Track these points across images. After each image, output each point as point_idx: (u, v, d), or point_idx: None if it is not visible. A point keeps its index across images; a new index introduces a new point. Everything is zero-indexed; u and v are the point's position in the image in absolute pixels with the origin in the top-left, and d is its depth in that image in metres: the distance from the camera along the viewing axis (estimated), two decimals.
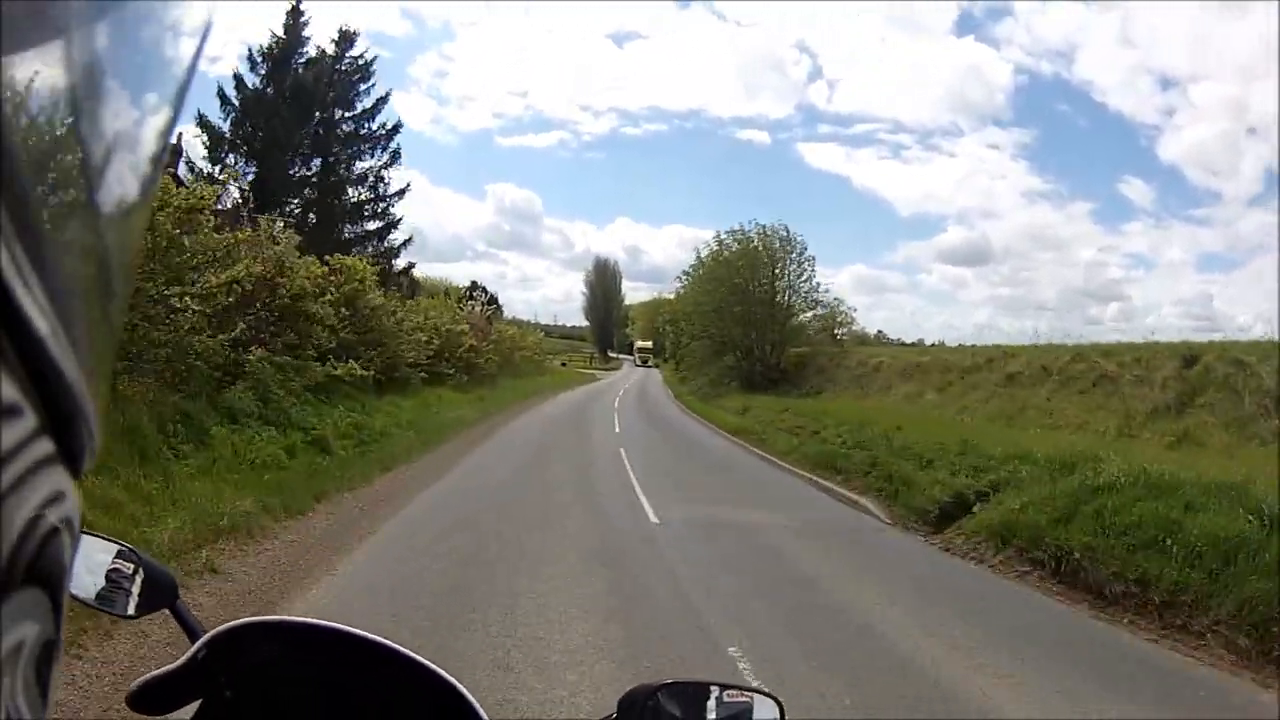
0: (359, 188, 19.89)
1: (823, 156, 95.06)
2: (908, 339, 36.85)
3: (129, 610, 0.90)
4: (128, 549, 0.91)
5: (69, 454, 0.27)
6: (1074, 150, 68.95)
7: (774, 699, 0.83)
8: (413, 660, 0.81)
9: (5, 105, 0.21)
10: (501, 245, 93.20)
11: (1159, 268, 62.20)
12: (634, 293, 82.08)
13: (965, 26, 78.13)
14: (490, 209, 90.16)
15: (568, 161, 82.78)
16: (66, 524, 0.27)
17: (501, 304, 45.61)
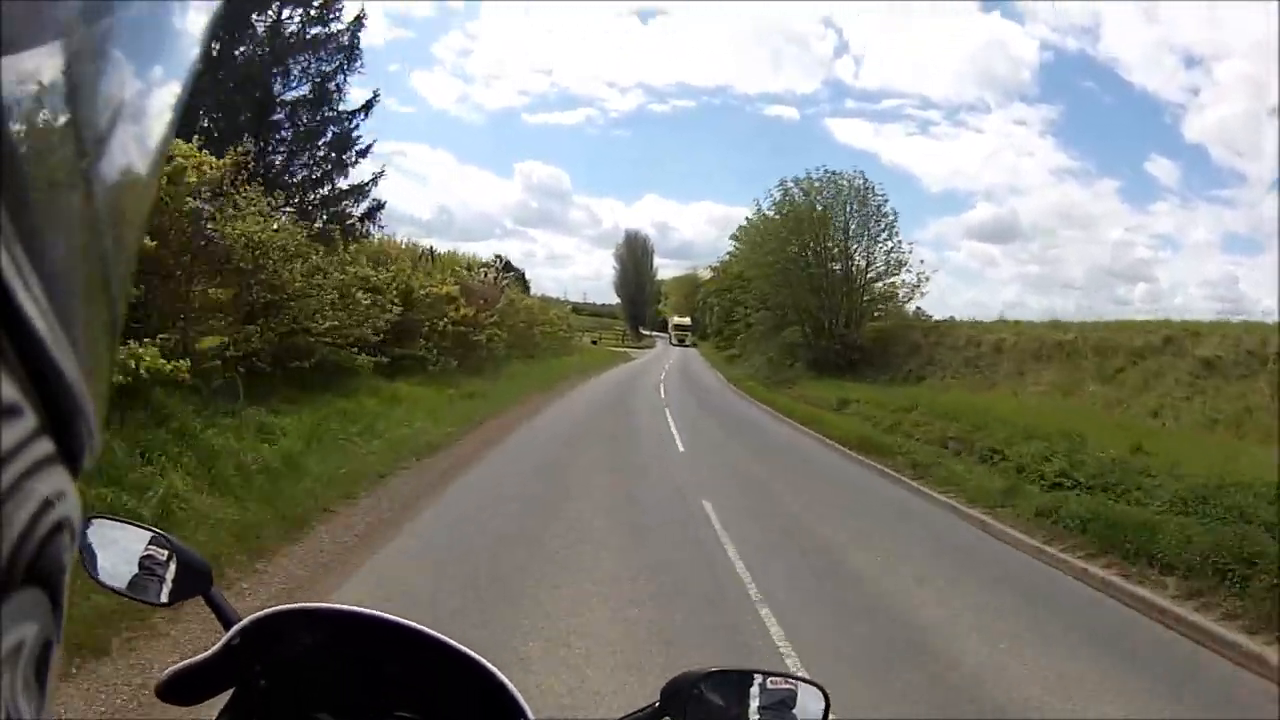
0: (298, 108, 14.06)
1: (851, 132, 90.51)
2: (938, 315, 33.12)
3: (162, 598, 0.89)
4: (162, 536, 0.91)
5: (69, 454, 0.26)
6: (1100, 128, 66.34)
7: (819, 687, 0.80)
8: (452, 647, 0.78)
9: (5, 105, 0.21)
10: (530, 223, 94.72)
11: (1185, 248, 60.72)
12: (664, 270, 78.70)
13: (990, 1, 74.88)
14: (518, 186, 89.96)
15: (595, 138, 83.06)
16: (66, 524, 0.27)
17: (529, 280, 41.29)
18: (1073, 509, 6.43)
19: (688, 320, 57.08)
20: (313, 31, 14.64)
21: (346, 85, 14.52)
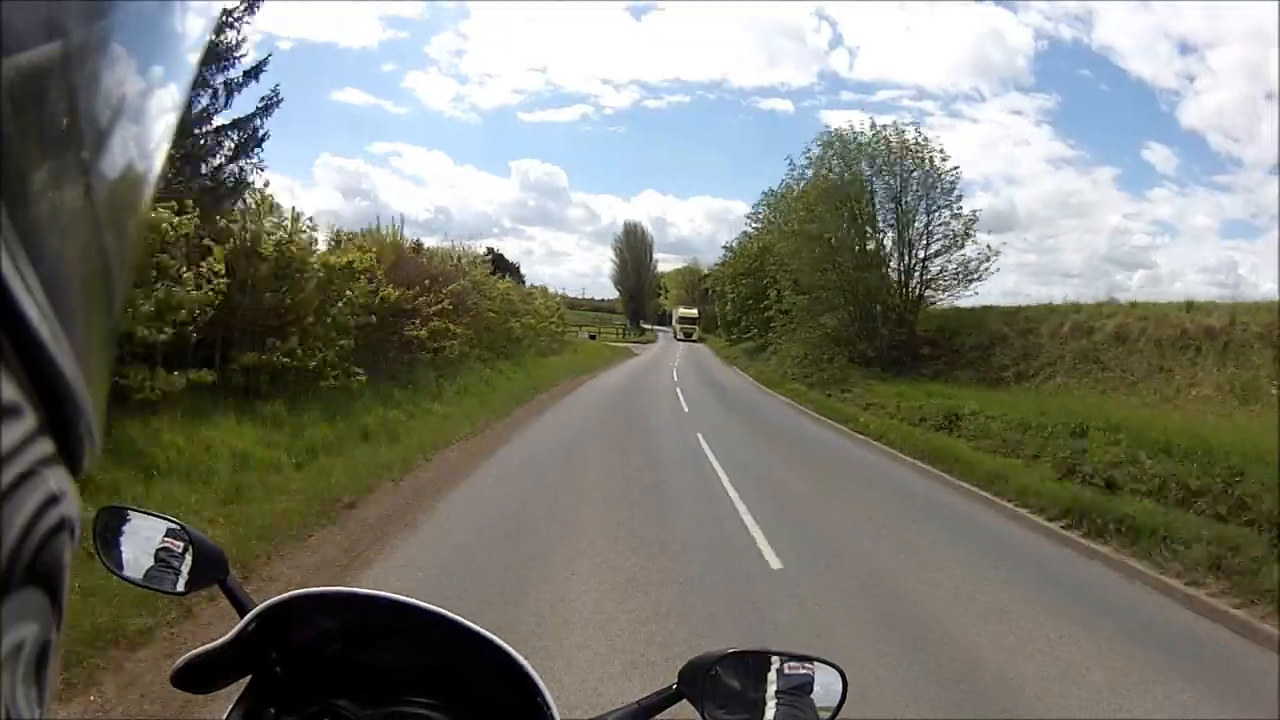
0: None
1: (846, 124, 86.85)
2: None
3: (179, 587, 0.88)
4: (177, 526, 0.89)
5: (69, 454, 0.26)
6: (1096, 116, 67.80)
7: (837, 668, 0.78)
8: (469, 629, 0.77)
9: (5, 105, 0.21)
10: (527, 221, 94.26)
11: (1183, 234, 62.61)
12: (662, 265, 77.51)
13: None
14: (515, 185, 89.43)
15: (591, 135, 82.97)
16: (67, 524, 0.27)
17: (524, 275, 37.50)
18: None
19: (694, 312, 52.02)
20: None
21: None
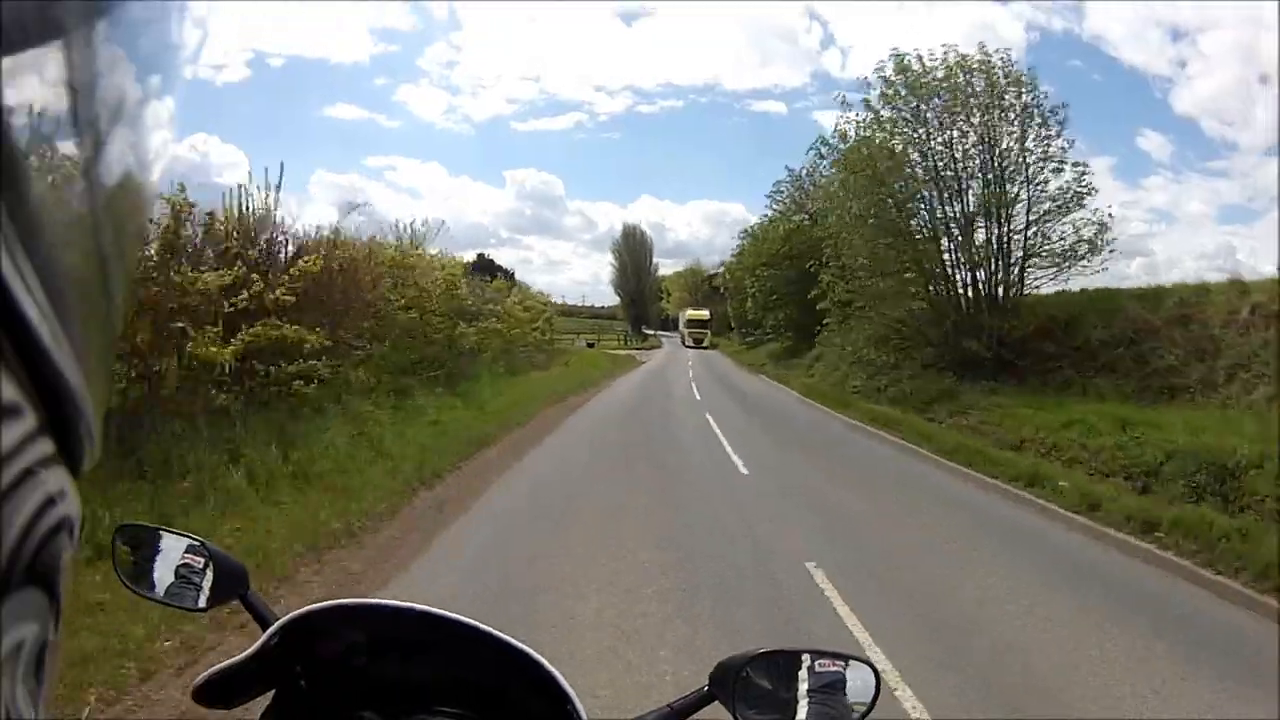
0: None
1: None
2: None
3: (200, 603, 0.88)
4: (198, 542, 0.89)
5: (69, 454, 0.27)
6: (1090, 106, 66.23)
7: (870, 666, 0.78)
8: (498, 639, 0.76)
9: (5, 105, 0.22)
10: (524, 230, 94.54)
11: (1180, 221, 60.31)
12: (662, 269, 74.60)
13: None
14: (511, 195, 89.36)
15: (586, 143, 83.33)
16: (66, 524, 0.27)
17: (518, 280, 33.59)
18: None
19: (705, 313, 46.25)
20: None
21: None
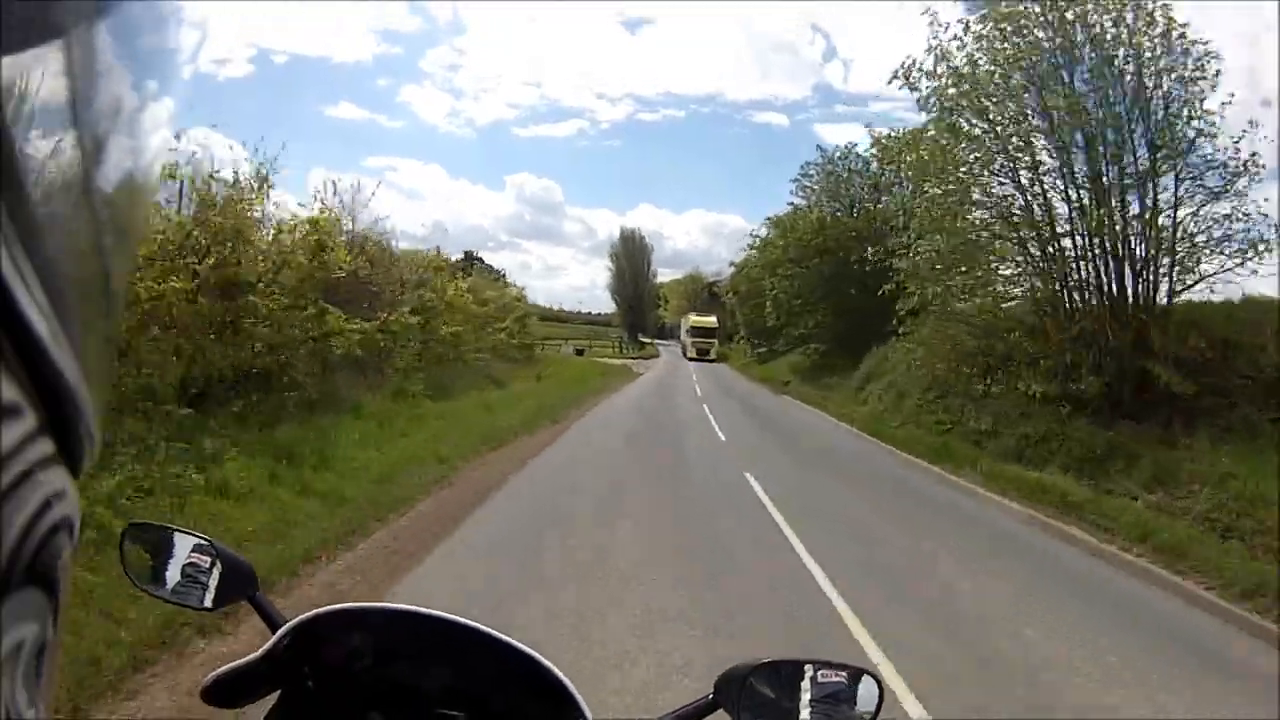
0: None
1: (841, 137, 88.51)
2: None
3: (206, 603, 0.87)
4: (205, 541, 0.89)
5: (69, 454, 0.26)
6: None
7: (873, 676, 0.77)
8: (505, 643, 0.76)
9: (5, 105, 0.22)
10: (523, 235, 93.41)
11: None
12: (659, 278, 71.46)
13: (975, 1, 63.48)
14: (510, 199, 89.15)
15: (586, 150, 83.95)
16: (66, 524, 0.27)
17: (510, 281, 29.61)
18: None
19: (711, 320, 39.74)
20: None
21: None
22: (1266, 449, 7.61)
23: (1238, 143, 9.64)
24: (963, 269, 12.05)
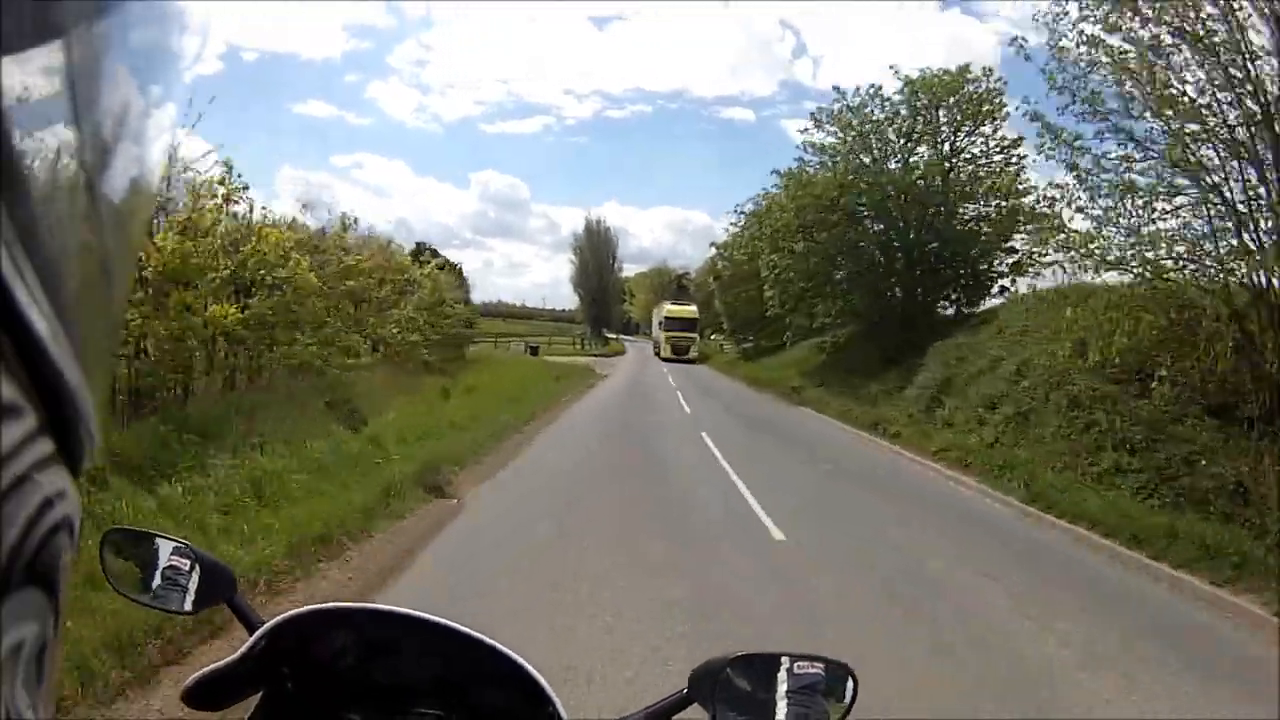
0: None
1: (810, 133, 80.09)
2: None
3: (186, 606, 0.87)
4: (184, 545, 0.87)
5: (69, 454, 0.26)
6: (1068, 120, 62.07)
7: (846, 667, 0.76)
8: (483, 642, 0.76)
9: (5, 105, 0.21)
10: (488, 232, 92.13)
11: None
12: (625, 272, 67.92)
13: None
14: (475, 196, 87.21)
15: (553, 146, 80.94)
16: (66, 524, 0.27)
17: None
18: None
19: (691, 309, 33.15)
20: None
21: None
22: None
23: None
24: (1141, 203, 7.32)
